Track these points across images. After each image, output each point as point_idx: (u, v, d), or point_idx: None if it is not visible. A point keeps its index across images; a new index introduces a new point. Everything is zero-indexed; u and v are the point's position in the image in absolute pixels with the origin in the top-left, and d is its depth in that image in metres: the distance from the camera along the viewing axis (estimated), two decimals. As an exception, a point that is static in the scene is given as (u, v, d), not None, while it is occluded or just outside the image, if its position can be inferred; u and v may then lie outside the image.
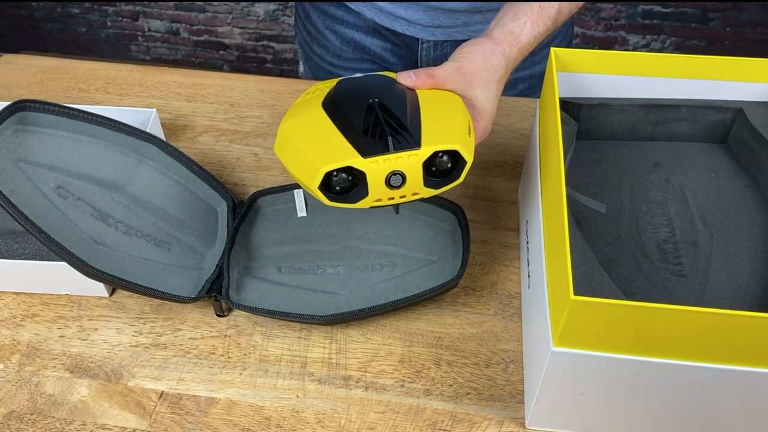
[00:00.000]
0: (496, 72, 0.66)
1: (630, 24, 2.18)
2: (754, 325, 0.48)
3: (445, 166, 0.60)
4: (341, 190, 0.60)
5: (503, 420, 0.65)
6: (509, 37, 0.67)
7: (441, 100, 0.64)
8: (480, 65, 0.65)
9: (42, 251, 0.75)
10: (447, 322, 0.72)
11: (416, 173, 0.59)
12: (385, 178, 0.58)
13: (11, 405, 0.66)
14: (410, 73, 0.65)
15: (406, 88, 0.64)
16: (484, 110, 0.66)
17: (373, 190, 0.59)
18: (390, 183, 0.59)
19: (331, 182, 0.59)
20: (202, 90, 0.99)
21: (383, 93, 0.62)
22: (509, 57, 0.67)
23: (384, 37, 0.98)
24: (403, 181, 0.59)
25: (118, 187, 0.74)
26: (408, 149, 0.58)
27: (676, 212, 0.70)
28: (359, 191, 0.60)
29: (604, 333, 0.51)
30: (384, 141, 0.58)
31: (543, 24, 0.69)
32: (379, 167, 0.58)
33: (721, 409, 0.57)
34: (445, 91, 0.65)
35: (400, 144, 0.58)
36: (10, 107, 0.67)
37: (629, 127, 0.76)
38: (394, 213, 0.65)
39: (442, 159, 0.60)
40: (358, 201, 0.60)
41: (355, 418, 0.65)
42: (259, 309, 0.69)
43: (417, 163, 0.58)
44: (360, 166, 0.58)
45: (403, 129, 0.59)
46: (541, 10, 0.69)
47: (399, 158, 0.58)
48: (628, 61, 0.71)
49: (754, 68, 0.71)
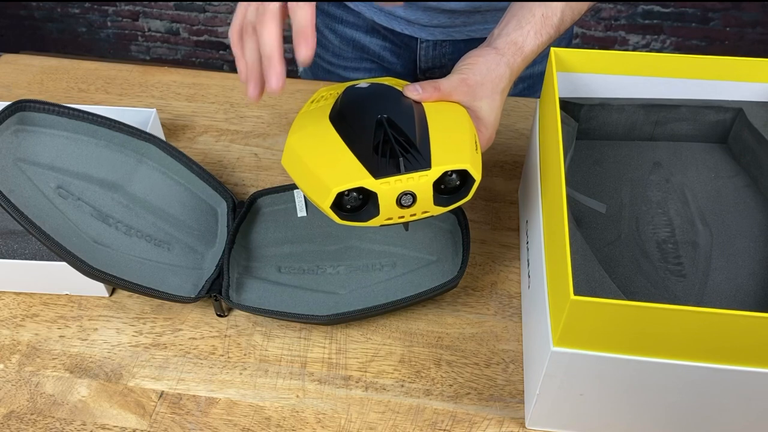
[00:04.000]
0: (500, 83, 0.66)
1: (630, 24, 2.19)
2: (754, 325, 0.48)
3: (454, 184, 0.61)
4: (352, 209, 0.60)
5: (503, 420, 0.65)
6: (513, 47, 0.67)
7: (447, 115, 0.64)
8: (485, 76, 0.66)
9: (42, 251, 0.75)
10: (447, 322, 0.72)
11: (427, 193, 0.59)
12: (396, 198, 0.59)
13: (11, 405, 0.66)
14: (417, 86, 0.65)
15: (412, 101, 0.65)
16: (488, 121, 0.66)
17: (384, 210, 0.59)
18: (401, 203, 0.59)
19: (342, 201, 0.60)
20: (202, 90, 0.99)
21: (391, 107, 0.63)
22: (513, 67, 0.67)
23: (383, 37, 0.98)
24: (414, 200, 0.59)
25: (118, 187, 0.74)
26: (419, 170, 0.58)
27: (676, 212, 0.70)
28: (370, 210, 0.60)
29: (604, 333, 0.51)
30: (395, 161, 0.59)
31: (546, 33, 0.69)
32: (390, 188, 0.58)
33: (721, 409, 0.57)
34: (451, 103, 0.66)
35: (411, 164, 0.58)
36: (10, 107, 0.67)
37: (629, 127, 0.76)
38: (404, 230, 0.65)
39: (451, 177, 0.61)
40: (369, 220, 0.60)
41: (355, 418, 0.65)
42: (259, 309, 0.69)
43: (428, 184, 0.59)
44: (372, 187, 0.58)
45: (413, 148, 0.59)
46: (544, 19, 0.69)
47: (410, 179, 0.58)
48: (628, 61, 0.71)
49: (754, 68, 0.71)
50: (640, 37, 2.22)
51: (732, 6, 2.10)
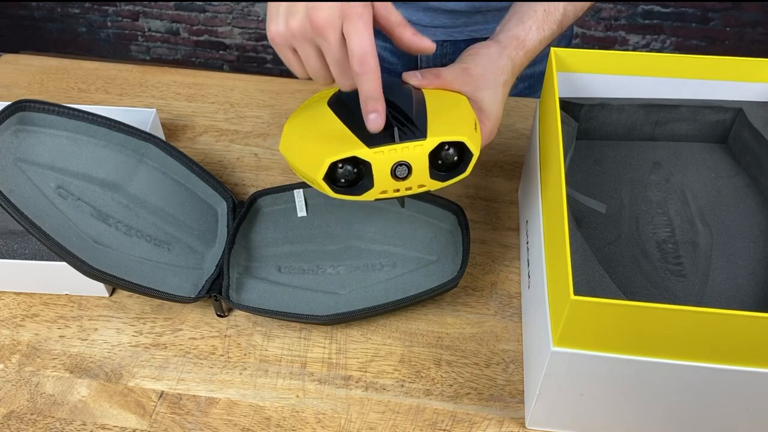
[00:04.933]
0: (503, 74, 0.66)
1: (630, 24, 2.19)
2: (754, 325, 0.48)
3: (452, 158, 0.60)
4: (346, 183, 0.60)
5: (503, 420, 0.65)
6: (515, 41, 0.67)
7: (447, 98, 0.64)
8: (487, 67, 0.65)
9: (42, 251, 0.75)
10: (447, 322, 0.72)
11: (422, 164, 0.59)
12: (391, 168, 0.58)
13: (11, 405, 0.66)
14: (416, 73, 0.65)
15: (412, 87, 0.64)
16: (490, 112, 0.66)
17: (379, 182, 0.59)
18: (396, 174, 0.58)
19: (336, 174, 0.59)
20: (202, 90, 0.99)
21: (389, 90, 0.62)
22: (515, 60, 0.67)
23: (384, 37, 0.97)
24: (409, 172, 0.59)
25: (118, 187, 0.74)
26: (414, 140, 0.58)
27: (676, 212, 0.70)
28: (364, 183, 0.59)
29: (604, 333, 0.51)
30: (390, 132, 0.58)
31: (548, 28, 0.69)
32: (384, 157, 0.58)
33: (721, 409, 0.57)
34: (452, 91, 0.65)
35: (406, 135, 0.58)
36: (10, 107, 0.67)
37: (629, 127, 0.76)
38: (399, 206, 0.65)
39: (448, 152, 0.60)
40: (364, 193, 0.59)
41: (355, 418, 0.65)
42: (259, 309, 0.69)
43: (423, 154, 0.58)
44: (365, 156, 0.58)
45: (409, 121, 0.59)
46: (546, 15, 0.69)
47: (405, 148, 0.58)
48: (628, 61, 0.71)
49: (754, 68, 0.71)
50: (640, 37, 2.22)
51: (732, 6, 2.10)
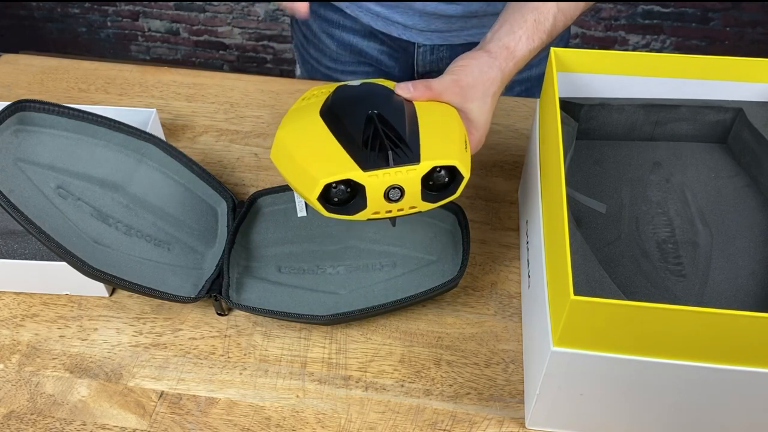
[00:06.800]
0: (492, 86, 0.67)
1: (630, 24, 2.18)
2: (754, 325, 0.48)
3: (443, 180, 0.61)
4: (339, 202, 0.60)
5: (503, 420, 0.65)
6: (505, 51, 0.68)
7: (438, 113, 0.64)
8: (476, 79, 0.66)
9: (42, 251, 0.75)
10: (447, 322, 0.72)
11: (415, 188, 0.59)
12: (384, 191, 0.59)
13: (11, 405, 0.66)
14: (408, 85, 0.66)
15: (403, 99, 0.65)
16: (478, 123, 0.67)
17: (372, 203, 0.59)
18: (389, 196, 0.59)
19: (329, 194, 0.60)
20: (202, 90, 0.99)
21: (382, 104, 0.63)
22: (504, 71, 0.67)
23: (380, 41, 0.98)
24: (402, 195, 0.59)
25: (118, 187, 0.74)
26: (407, 164, 0.59)
27: (676, 212, 0.70)
28: (357, 203, 0.60)
29: (604, 333, 0.51)
30: (384, 155, 0.59)
31: (538, 38, 0.69)
32: (378, 181, 0.58)
33: (721, 409, 0.57)
34: (442, 103, 0.66)
35: (400, 158, 0.59)
36: (10, 107, 0.67)
37: (629, 127, 0.76)
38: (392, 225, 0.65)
39: (439, 174, 0.61)
40: (356, 213, 0.60)
41: (355, 418, 0.65)
42: (259, 309, 0.69)
43: (416, 178, 0.59)
44: (360, 180, 0.58)
45: (402, 143, 0.59)
46: (536, 24, 0.69)
47: (398, 173, 0.58)
48: (628, 61, 0.71)
49: (754, 68, 0.71)
50: (640, 37, 2.22)
51: (732, 6, 2.10)
